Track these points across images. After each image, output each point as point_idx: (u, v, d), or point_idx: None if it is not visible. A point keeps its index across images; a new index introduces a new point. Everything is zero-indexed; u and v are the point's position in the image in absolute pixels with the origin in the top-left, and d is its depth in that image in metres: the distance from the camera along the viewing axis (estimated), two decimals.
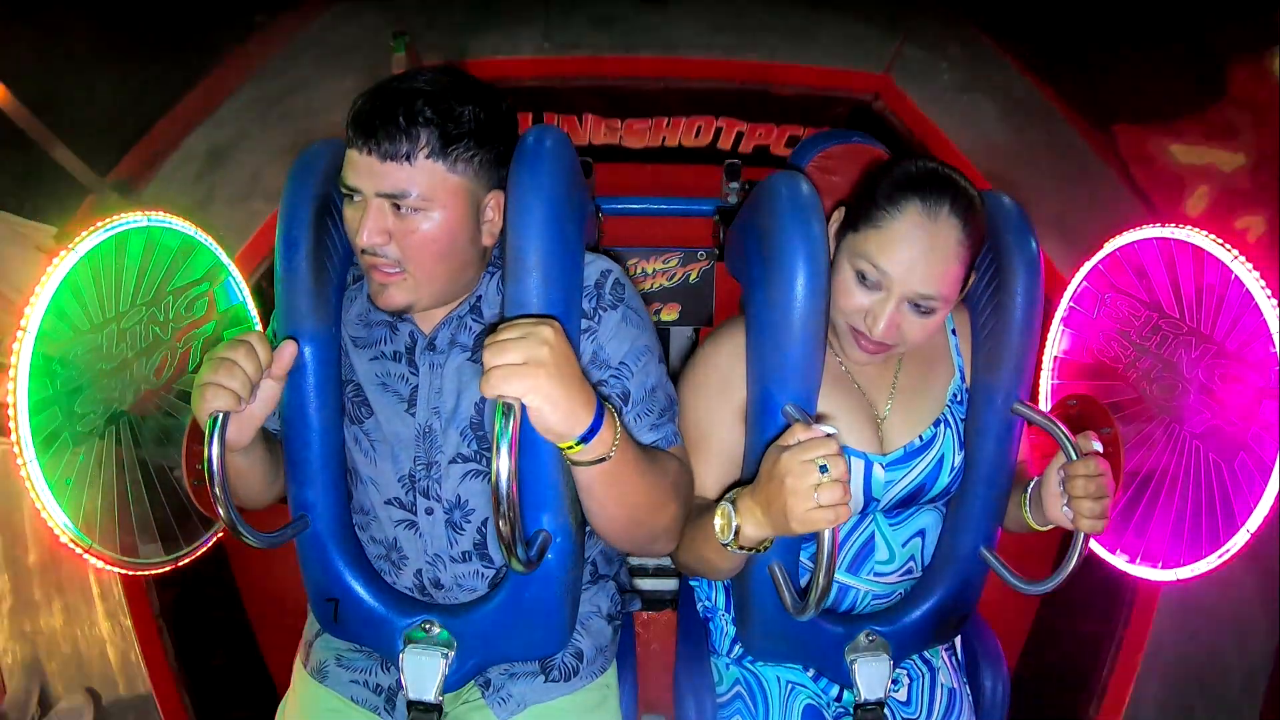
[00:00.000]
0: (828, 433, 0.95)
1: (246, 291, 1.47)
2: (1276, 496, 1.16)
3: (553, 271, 1.00)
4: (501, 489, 0.87)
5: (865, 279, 1.11)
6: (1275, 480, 1.15)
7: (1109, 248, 1.37)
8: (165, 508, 1.27)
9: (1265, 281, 1.16)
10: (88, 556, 1.15)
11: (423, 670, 1.13)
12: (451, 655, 1.14)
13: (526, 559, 0.95)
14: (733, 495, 1.03)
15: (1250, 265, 1.17)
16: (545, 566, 1.06)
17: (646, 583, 2.12)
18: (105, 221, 1.18)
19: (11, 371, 1.07)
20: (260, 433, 1.08)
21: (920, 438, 1.22)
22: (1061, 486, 1.11)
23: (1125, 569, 1.34)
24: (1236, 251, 1.18)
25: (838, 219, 1.17)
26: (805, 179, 1.11)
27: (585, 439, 0.91)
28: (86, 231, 1.15)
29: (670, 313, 2.23)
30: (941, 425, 1.23)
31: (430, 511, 1.15)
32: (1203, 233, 1.22)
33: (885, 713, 1.22)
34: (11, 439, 1.07)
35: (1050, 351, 1.49)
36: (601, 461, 0.95)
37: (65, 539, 1.13)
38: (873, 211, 1.10)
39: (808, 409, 1.08)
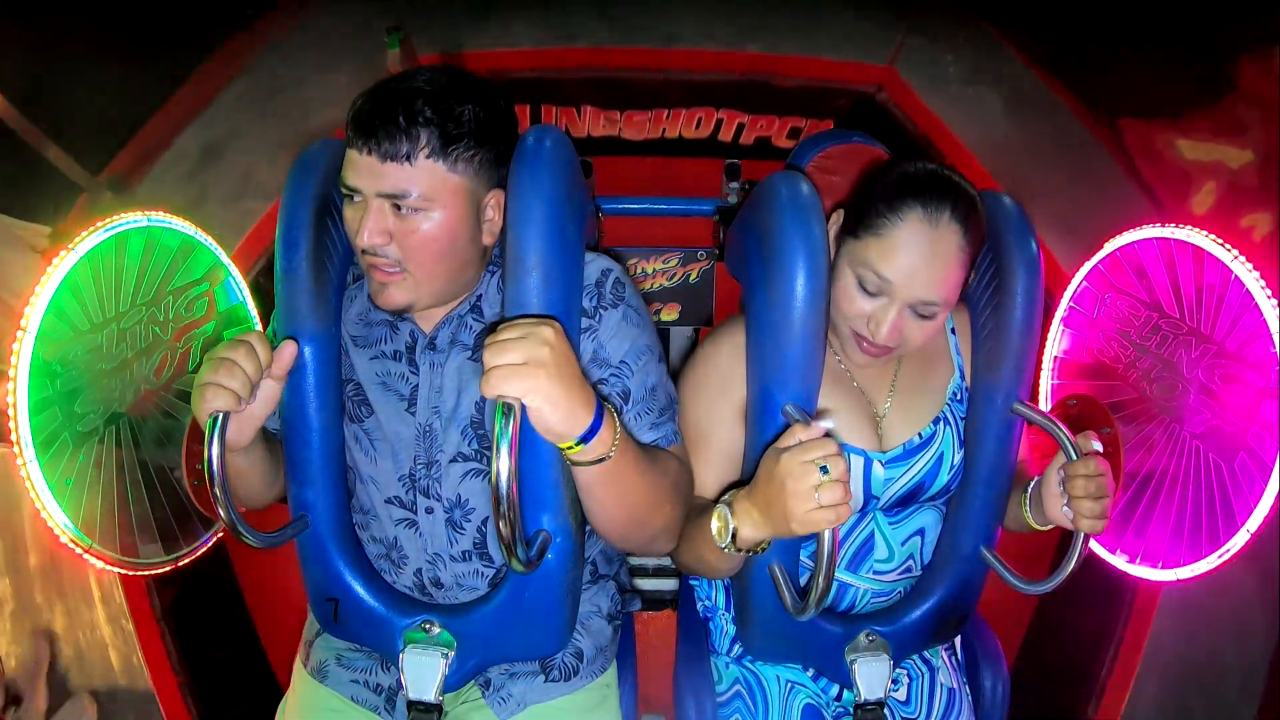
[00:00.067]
0: (826, 429, 0.96)
1: (246, 291, 1.48)
2: (1276, 496, 1.17)
3: (552, 272, 1.02)
4: (501, 489, 0.89)
5: (867, 286, 1.12)
6: (1275, 480, 1.17)
7: (1109, 248, 1.39)
8: (165, 508, 1.29)
9: (1265, 281, 1.18)
10: (88, 557, 1.16)
11: (423, 670, 1.15)
12: (451, 655, 1.15)
13: (526, 559, 0.96)
14: (729, 498, 1.04)
15: (1250, 265, 1.19)
16: (545, 566, 1.08)
17: (646, 583, 2.14)
18: (105, 221, 1.19)
19: (11, 372, 1.08)
20: (260, 433, 1.10)
21: (920, 435, 1.23)
22: (1061, 486, 1.12)
23: (1125, 569, 1.36)
24: (1236, 251, 1.20)
25: (836, 221, 1.18)
26: (805, 179, 1.12)
27: (585, 439, 0.94)
28: (87, 231, 1.16)
29: (670, 313, 2.25)
30: (941, 423, 1.24)
31: (430, 510, 1.17)
32: (1203, 233, 1.23)
33: (885, 713, 1.24)
34: (11, 440, 1.08)
35: (1050, 351, 1.50)
36: (601, 461, 0.97)
37: (65, 539, 1.14)
38: (873, 218, 1.11)
39: (808, 408, 1.09)
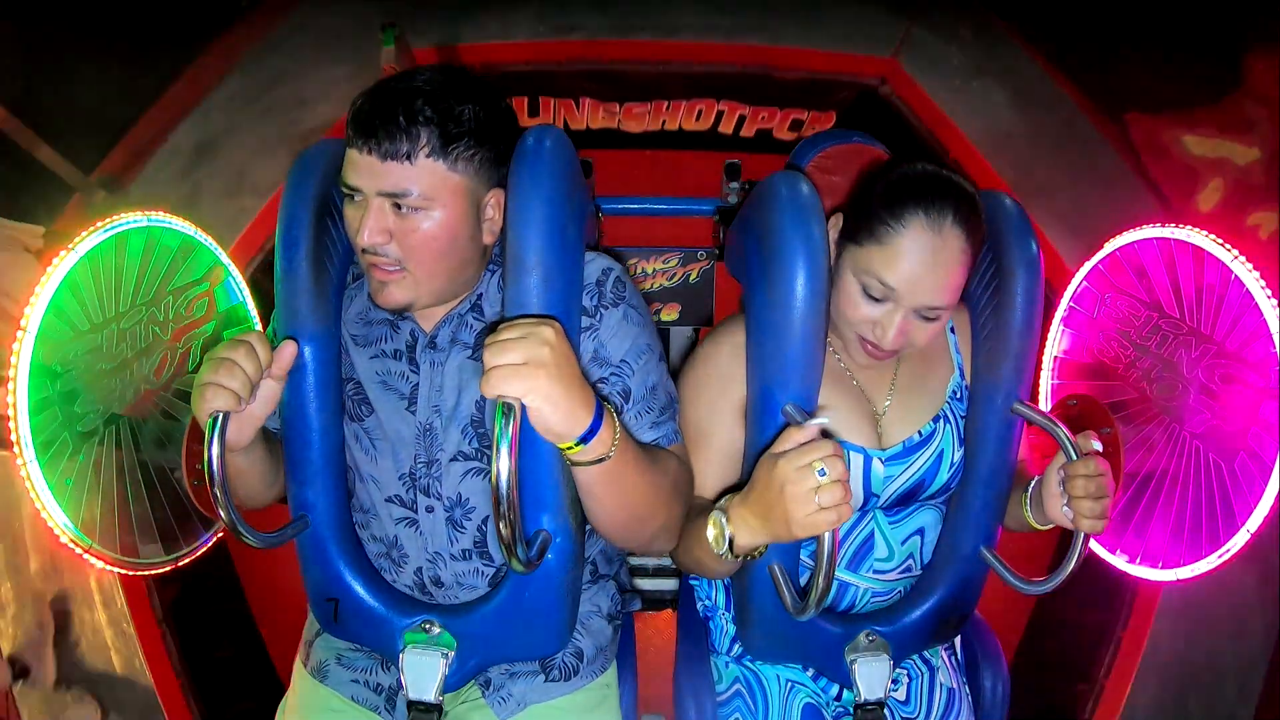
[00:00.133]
0: (823, 426, 0.98)
1: (246, 291, 1.50)
2: (1276, 496, 1.21)
3: (552, 271, 1.04)
4: (501, 489, 0.91)
5: (871, 292, 1.14)
6: (1275, 480, 1.20)
7: (1109, 247, 1.42)
8: (165, 508, 1.31)
9: (1265, 281, 1.21)
10: (88, 557, 1.19)
11: (423, 670, 1.18)
12: (451, 655, 1.18)
13: (526, 559, 0.99)
14: (724, 504, 1.06)
15: (1250, 265, 1.22)
16: (545, 566, 1.10)
17: (646, 582, 2.17)
18: (105, 221, 1.21)
19: (11, 372, 1.10)
20: (260, 433, 1.12)
21: (919, 433, 1.26)
22: (1061, 486, 1.14)
23: (1125, 569, 1.39)
24: (1236, 251, 1.23)
25: (836, 225, 1.20)
26: (805, 179, 1.14)
27: (585, 439, 0.96)
28: (87, 231, 1.18)
29: (670, 313, 2.27)
30: (941, 421, 1.27)
31: (431, 509, 1.19)
32: (1203, 233, 1.26)
33: (885, 712, 1.27)
34: (11, 442, 1.11)
35: (1050, 351, 1.53)
36: (601, 461, 0.99)
37: (65, 539, 1.17)
38: (875, 224, 1.13)
39: (808, 408, 1.11)
